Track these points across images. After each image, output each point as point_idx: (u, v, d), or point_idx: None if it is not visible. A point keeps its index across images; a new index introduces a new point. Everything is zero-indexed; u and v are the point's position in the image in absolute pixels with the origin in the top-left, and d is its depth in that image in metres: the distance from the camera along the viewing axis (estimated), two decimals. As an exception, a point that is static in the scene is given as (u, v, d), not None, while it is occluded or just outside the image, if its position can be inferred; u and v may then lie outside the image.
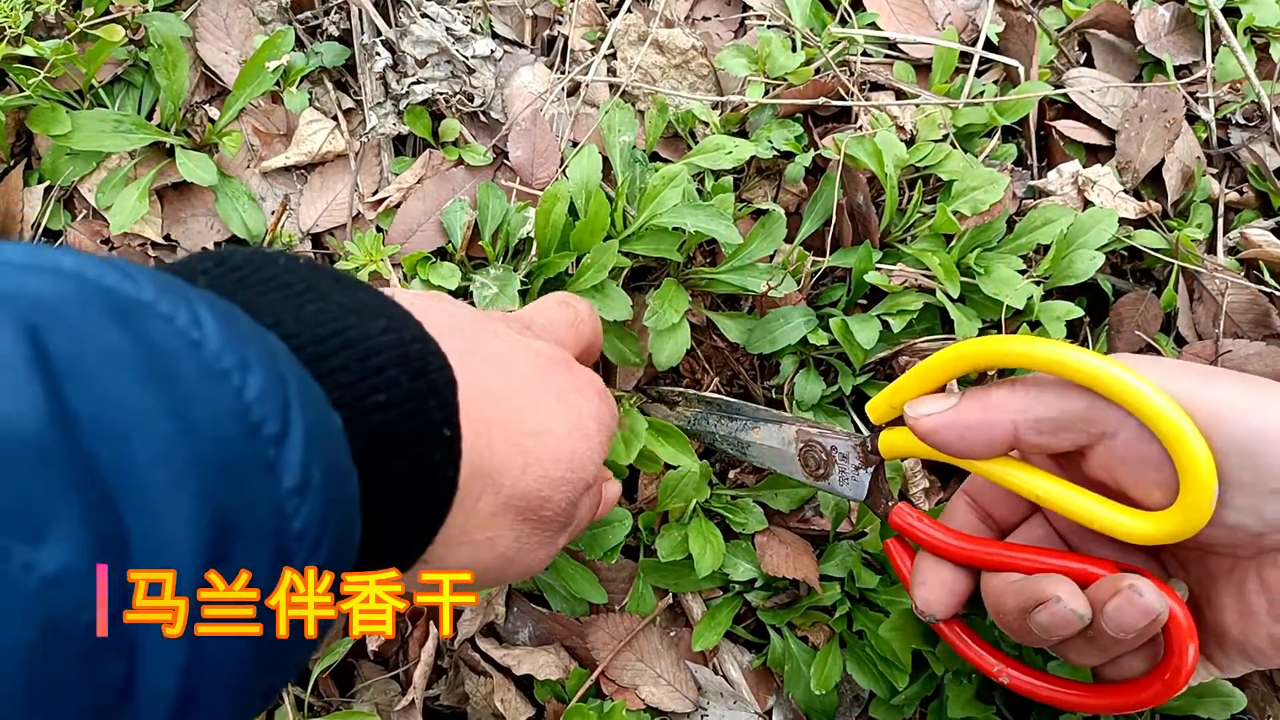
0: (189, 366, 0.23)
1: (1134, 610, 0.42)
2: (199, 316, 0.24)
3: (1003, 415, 0.43)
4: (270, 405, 0.24)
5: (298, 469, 0.24)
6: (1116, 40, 0.96)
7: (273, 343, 0.27)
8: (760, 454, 0.62)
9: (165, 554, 0.21)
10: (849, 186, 0.81)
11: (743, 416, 0.64)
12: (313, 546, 0.24)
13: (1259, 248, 0.85)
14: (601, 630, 0.75)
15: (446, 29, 0.83)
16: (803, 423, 0.58)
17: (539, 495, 0.39)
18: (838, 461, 0.56)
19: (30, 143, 0.81)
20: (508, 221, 0.78)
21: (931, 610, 0.51)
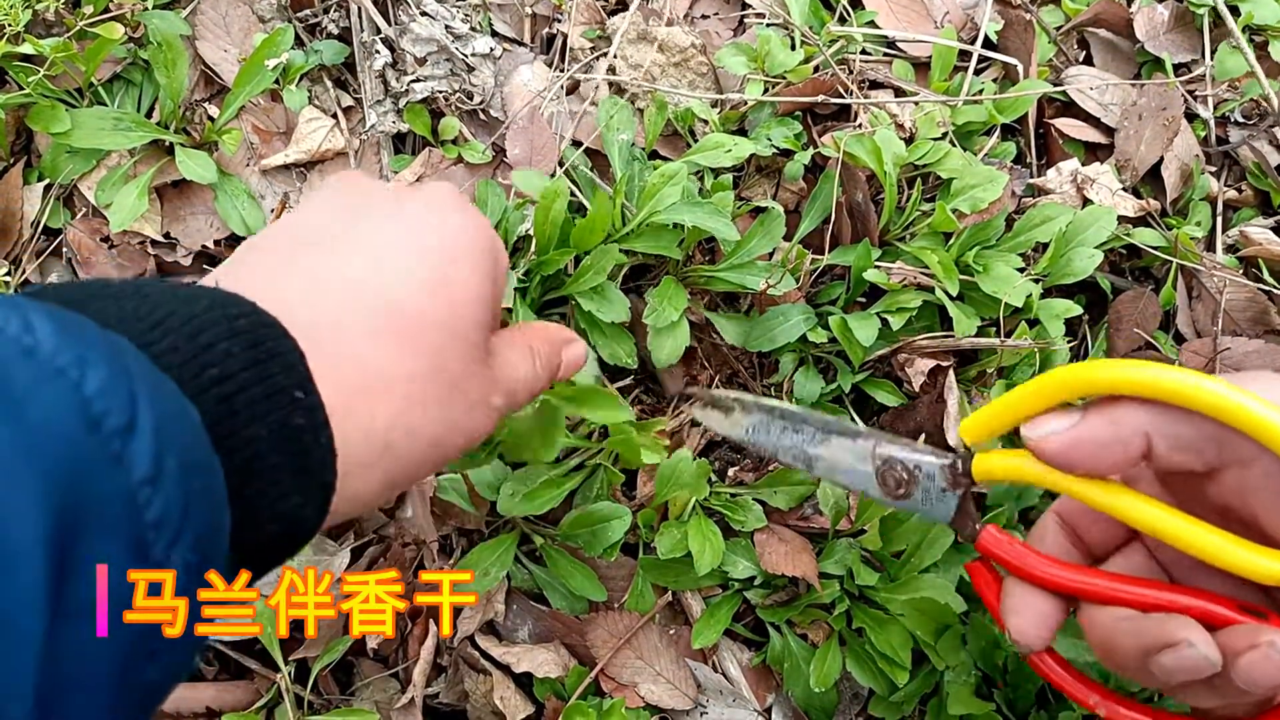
0: (22, 371, 0.23)
1: (1272, 668, 0.39)
2: (31, 323, 0.24)
3: (1134, 430, 0.41)
4: (114, 399, 0.24)
5: (148, 459, 0.24)
6: (1115, 38, 0.96)
7: (117, 341, 0.27)
8: (830, 470, 0.57)
9: (13, 549, 0.21)
10: (848, 184, 0.81)
11: (810, 427, 0.57)
12: (174, 535, 0.25)
13: (1258, 245, 0.85)
14: (601, 628, 0.75)
15: (446, 27, 0.83)
16: (881, 438, 0.54)
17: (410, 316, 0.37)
18: (921, 481, 0.52)
19: (30, 141, 0.81)
20: (506, 219, 0.78)
21: (1027, 641, 0.47)
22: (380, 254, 0.38)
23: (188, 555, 0.25)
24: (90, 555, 0.23)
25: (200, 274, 0.81)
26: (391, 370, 0.36)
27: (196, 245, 0.80)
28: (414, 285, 0.37)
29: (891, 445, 0.53)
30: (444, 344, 0.37)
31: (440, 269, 0.38)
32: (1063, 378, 0.42)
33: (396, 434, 0.35)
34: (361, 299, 0.36)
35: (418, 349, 0.36)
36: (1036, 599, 0.47)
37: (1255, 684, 0.40)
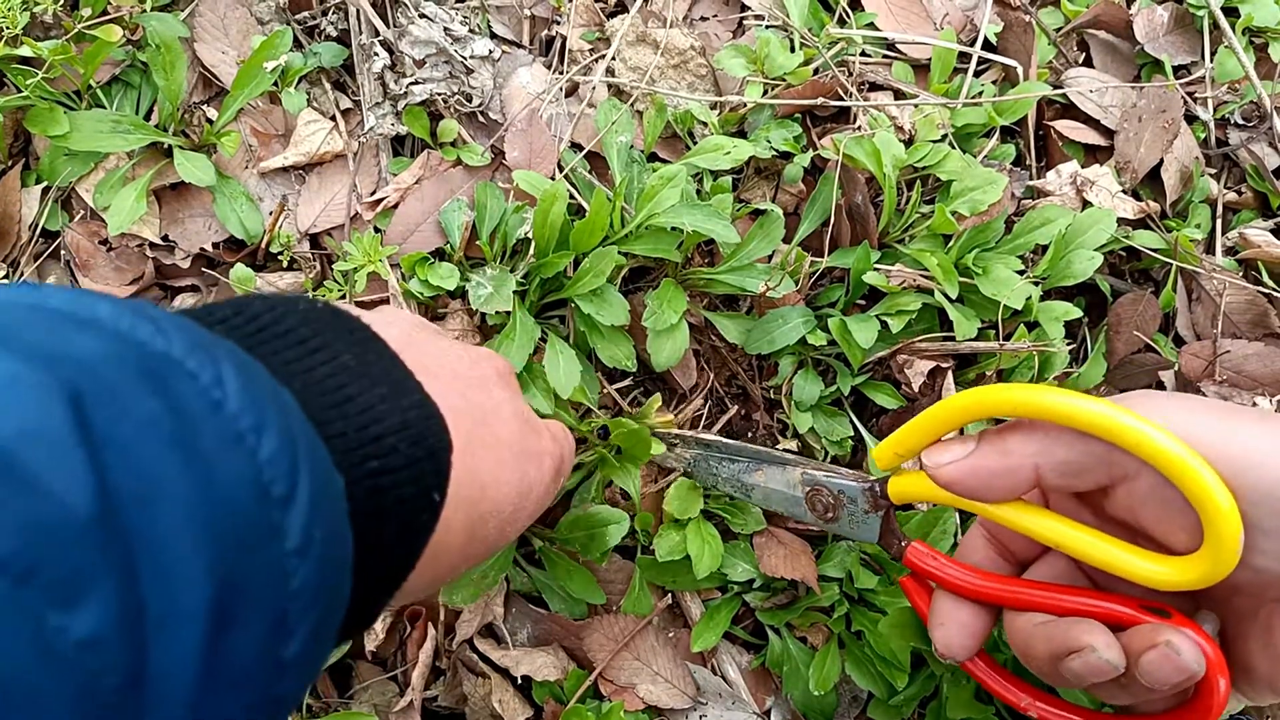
0: (210, 429, 0.23)
1: (1170, 668, 0.41)
2: (222, 375, 0.24)
3: (1023, 459, 0.43)
4: (280, 467, 0.24)
5: (300, 531, 0.24)
6: (1115, 40, 0.96)
7: (287, 401, 0.27)
8: (765, 497, 0.62)
9: (175, 619, 0.21)
10: (847, 187, 0.81)
11: (744, 458, 0.62)
12: (308, 605, 0.25)
13: (1258, 248, 0.85)
14: (598, 632, 0.75)
15: (445, 29, 0.83)
16: (807, 465, 0.57)
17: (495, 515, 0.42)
18: (846, 505, 0.55)
19: (28, 143, 0.81)
20: (505, 221, 0.78)
21: (952, 653, 0.50)
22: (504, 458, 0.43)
23: (314, 623, 0.26)
24: (240, 622, 0.23)
25: (199, 276, 0.80)
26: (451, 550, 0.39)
27: (195, 248, 0.80)
28: (504, 507, 0.43)
29: (816, 471, 0.56)
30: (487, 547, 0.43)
31: (526, 497, 0.45)
32: (961, 404, 0.44)
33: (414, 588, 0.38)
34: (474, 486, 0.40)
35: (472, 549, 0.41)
36: (959, 611, 0.49)
37: (1157, 682, 0.42)
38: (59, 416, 0.20)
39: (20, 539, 0.19)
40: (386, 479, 0.31)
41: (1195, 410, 0.40)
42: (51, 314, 0.23)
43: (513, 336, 0.74)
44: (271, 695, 0.24)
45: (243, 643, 0.23)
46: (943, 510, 0.73)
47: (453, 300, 0.79)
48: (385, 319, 0.42)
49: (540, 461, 0.46)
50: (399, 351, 0.38)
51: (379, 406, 0.32)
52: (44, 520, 0.19)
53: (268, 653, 0.24)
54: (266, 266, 0.81)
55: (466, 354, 0.47)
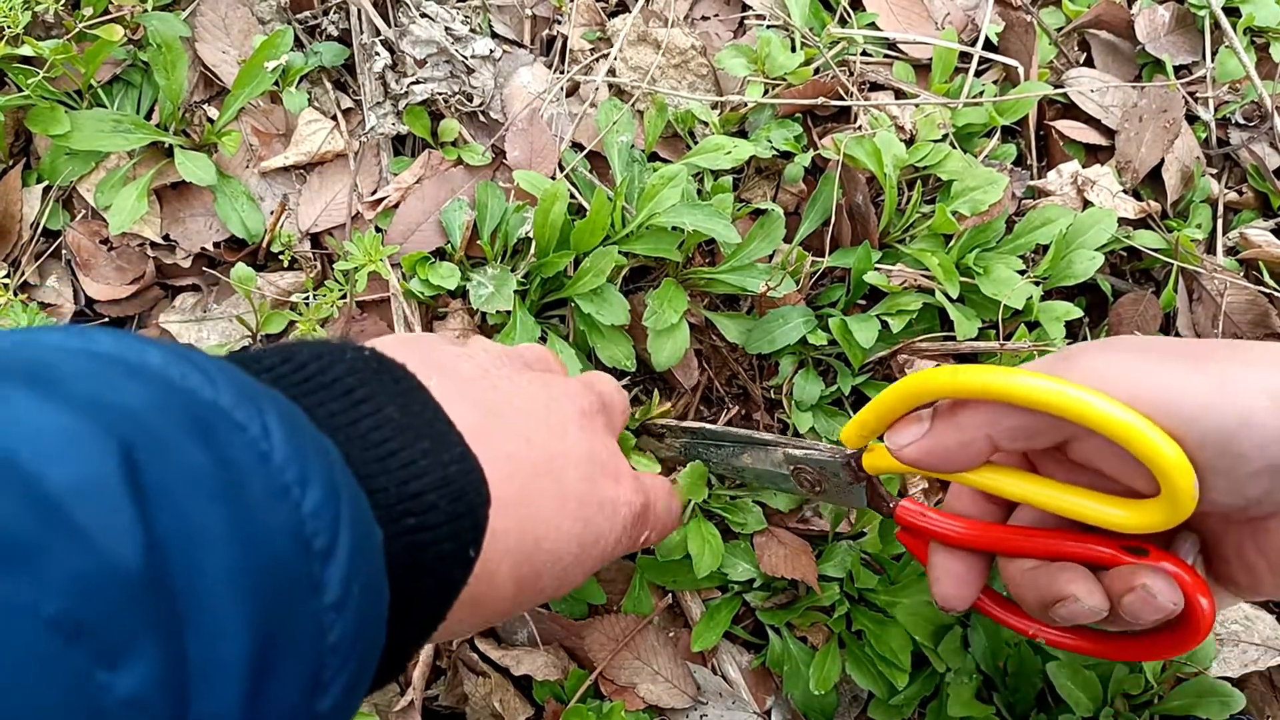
0: (257, 481, 0.23)
1: (1148, 608, 0.43)
2: (269, 426, 0.25)
3: (976, 431, 0.45)
4: (323, 520, 0.24)
5: (339, 585, 0.24)
6: (1116, 40, 0.96)
7: (331, 452, 0.27)
8: (756, 476, 0.64)
9: (217, 672, 0.21)
10: (848, 186, 0.81)
11: (729, 443, 0.64)
12: (344, 659, 0.25)
13: (1259, 248, 0.85)
14: (598, 632, 0.75)
15: (446, 29, 0.83)
16: (788, 444, 0.59)
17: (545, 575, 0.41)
18: (830, 478, 0.57)
19: (29, 142, 0.81)
20: (506, 221, 0.78)
21: (950, 604, 0.52)
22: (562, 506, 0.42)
23: (349, 676, 0.26)
24: (278, 675, 0.23)
25: (200, 276, 0.81)
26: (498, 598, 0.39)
27: (196, 247, 0.80)
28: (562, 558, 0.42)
29: (796, 450, 0.58)
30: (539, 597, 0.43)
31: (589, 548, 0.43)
32: (913, 387, 0.47)
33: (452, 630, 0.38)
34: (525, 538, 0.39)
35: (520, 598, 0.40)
36: (953, 562, 0.52)
37: (1139, 621, 0.44)
38: (110, 469, 0.20)
39: (70, 595, 0.19)
40: (425, 535, 0.31)
41: (1129, 364, 0.41)
42: (101, 360, 0.23)
43: (513, 336, 0.74)
44: None
45: (280, 696, 0.23)
46: None
47: (453, 300, 0.79)
48: (467, 352, 0.42)
49: (613, 510, 0.45)
50: (464, 390, 0.38)
51: (420, 461, 0.32)
52: (93, 575, 0.19)
53: (304, 706, 0.24)
54: (267, 266, 0.81)
55: (547, 391, 0.46)
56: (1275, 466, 0.39)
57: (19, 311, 0.71)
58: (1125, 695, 0.75)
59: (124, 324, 0.80)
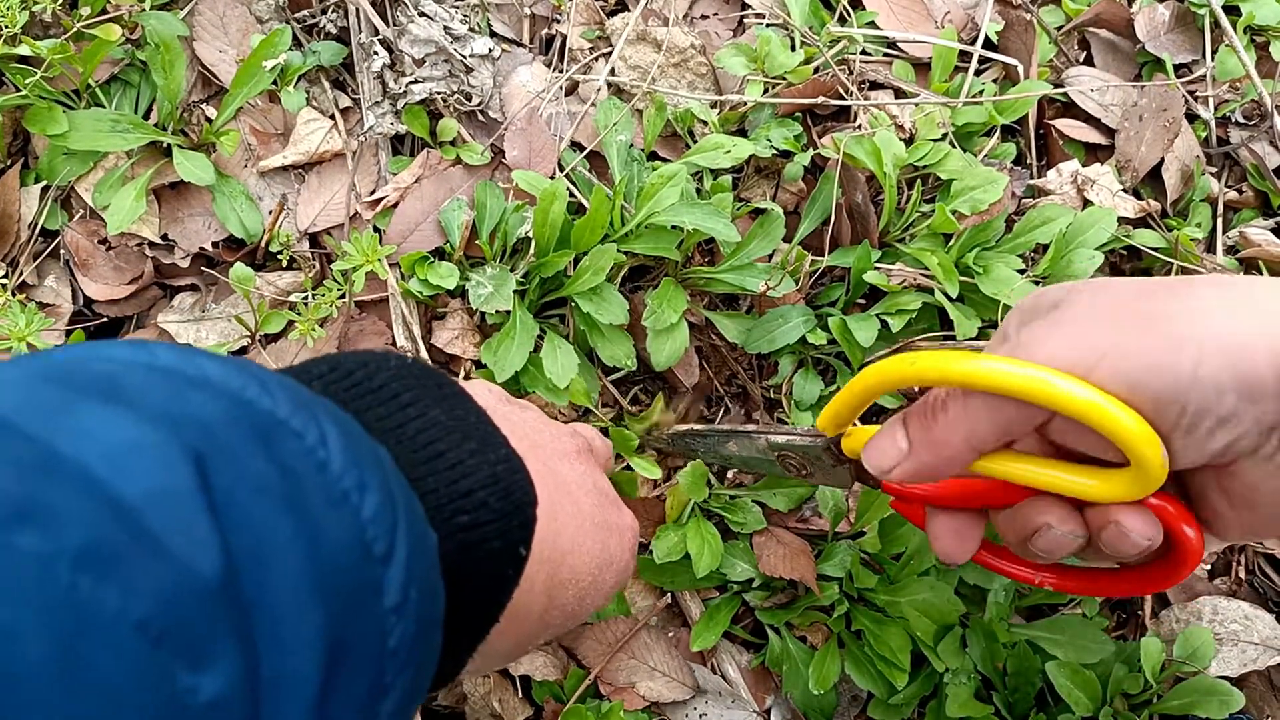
0: (317, 490, 0.24)
1: (1126, 543, 0.43)
2: (325, 434, 0.25)
3: (956, 450, 0.45)
4: (381, 526, 0.25)
5: (399, 589, 0.25)
6: (1116, 39, 0.96)
7: (384, 458, 0.28)
8: (744, 462, 0.64)
9: (289, 680, 0.22)
10: (848, 186, 0.80)
11: (714, 434, 0.65)
12: (404, 663, 0.25)
13: (1258, 247, 0.85)
14: (590, 639, 0.75)
15: (444, 28, 0.82)
16: (769, 432, 0.60)
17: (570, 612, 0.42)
18: (814, 461, 0.58)
19: (27, 142, 0.81)
20: (505, 221, 0.78)
21: (952, 559, 0.52)
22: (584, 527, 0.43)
23: (409, 680, 0.26)
24: (345, 681, 0.23)
25: (198, 276, 0.80)
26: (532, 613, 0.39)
27: (194, 247, 0.79)
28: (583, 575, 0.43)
29: (778, 436, 0.58)
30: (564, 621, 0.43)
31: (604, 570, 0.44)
32: (875, 378, 0.47)
33: (491, 652, 0.38)
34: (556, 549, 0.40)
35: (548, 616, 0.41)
36: (949, 518, 0.52)
37: (1119, 555, 0.44)
38: (185, 480, 0.21)
39: (155, 601, 0.19)
40: (476, 534, 0.32)
41: (1080, 333, 0.41)
42: (166, 373, 0.24)
43: (512, 335, 0.74)
44: None
45: (346, 701, 0.23)
46: None
47: (452, 299, 0.79)
48: (472, 389, 0.44)
49: (621, 536, 0.47)
50: (490, 409, 0.39)
51: (468, 461, 0.32)
52: (176, 583, 0.20)
53: (368, 709, 0.24)
54: (266, 266, 0.81)
55: (549, 427, 0.48)
56: (1227, 418, 0.38)
57: (17, 311, 0.71)
58: (1124, 694, 0.75)
59: (122, 324, 0.80)
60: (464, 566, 0.31)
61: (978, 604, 0.77)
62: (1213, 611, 0.79)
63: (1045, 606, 0.79)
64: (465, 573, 0.31)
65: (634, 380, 0.83)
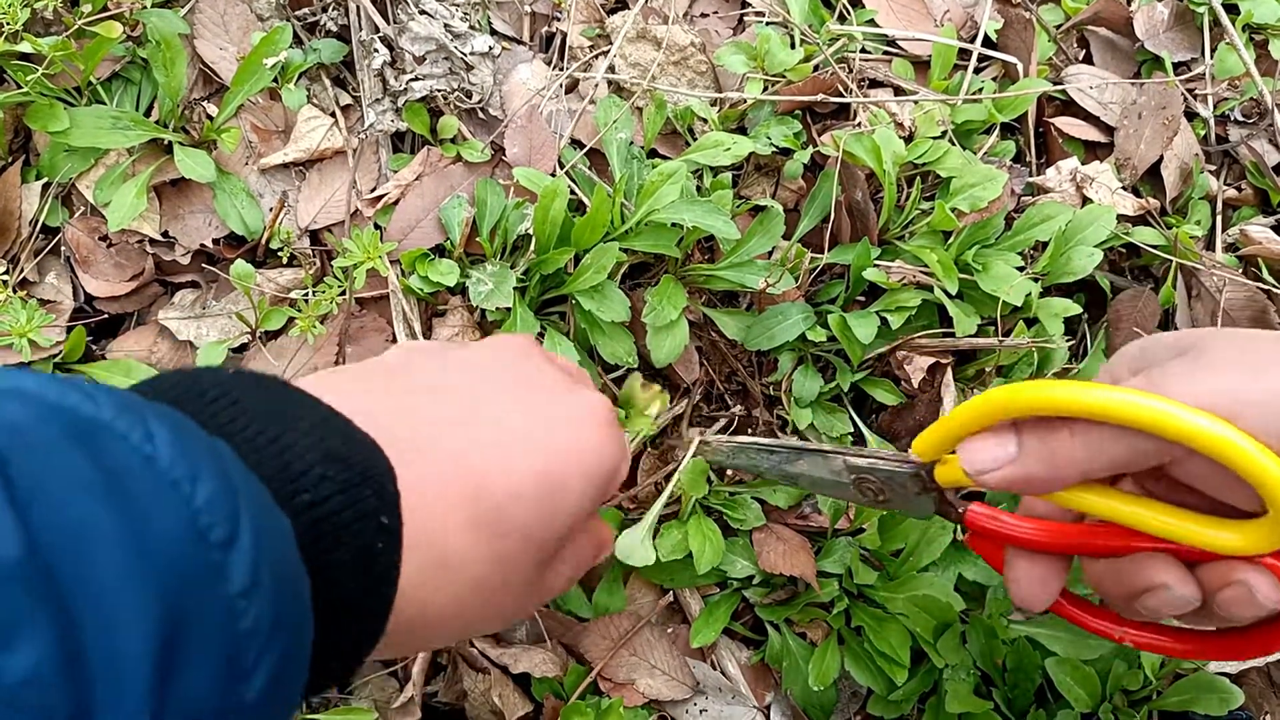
0: (143, 481, 0.24)
1: (1247, 605, 0.41)
2: (152, 431, 0.25)
3: (1069, 469, 0.43)
4: (219, 511, 0.25)
5: (246, 572, 0.25)
6: (1115, 37, 0.96)
7: (223, 450, 0.28)
8: (813, 484, 0.60)
9: (120, 660, 0.22)
10: (847, 183, 0.81)
11: (783, 450, 0.61)
12: (263, 645, 0.26)
13: (1258, 244, 0.85)
14: (594, 633, 0.75)
15: (445, 25, 0.83)
16: (847, 453, 0.56)
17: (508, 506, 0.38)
18: (895, 488, 0.54)
19: (28, 139, 0.81)
20: (506, 218, 0.78)
21: (1030, 606, 0.50)
22: (507, 444, 0.39)
23: (274, 664, 0.26)
24: (190, 663, 0.23)
25: (199, 273, 0.81)
26: (466, 556, 0.37)
27: (195, 244, 0.80)
28: (524, 494, 0.38)
29: (858, 459, 0.55)
30: (522, 555, 0.39)
31: (556, 490, 0.39)
32: (998, 401, 0.44)
33: (443, 612, 0.37)
34: (468, 482, 0.37)
35: (497, 552, 0.38)
36: (1031, 565, 0.49)
37: (1235, 618, 0.42)
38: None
39: None
40: (323, 509, 0.31)
41: (1225, 377, 0.39)
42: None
43: (513, 332, 0.74)
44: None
45: (196, 683, 0.24)
46: None
47: (453, 296, 0.79)
48: (394, 352, 0.43)
49: (577, 428, 0.41)
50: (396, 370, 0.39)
51: (302, 442, 0.32)
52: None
53: (227, 693, 0.25)
54: (266, 263, 0.81)
55: (486, 349, 0.45)
56: None
57: (18, 308, 0.71)
58: (1124, 691, 0.75)
59: (123, 320, 0.80)
60: (324, 545, 0.31)
61: (977, 600, 0.77)
62: (1212, 608, 0.79)
63: (1045, 603, 0.79)
64: (325, 549, 0.31)
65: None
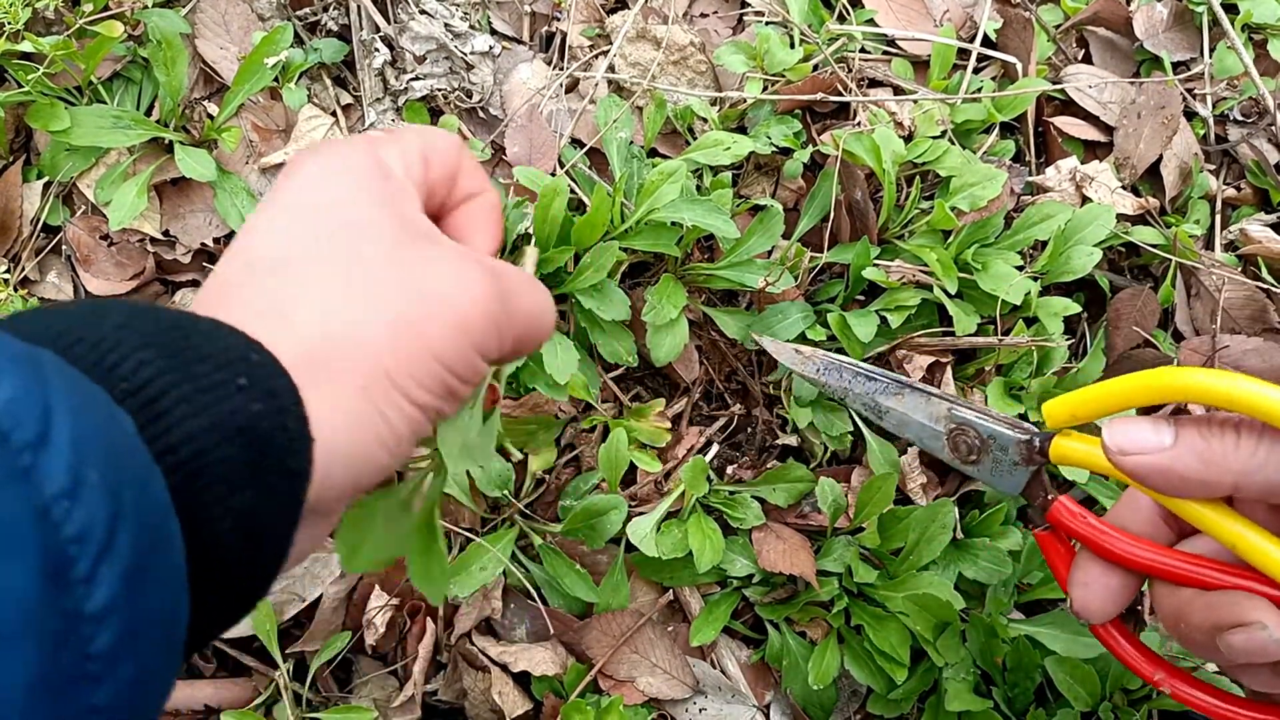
0: None
1: None
2: None
3: (1224, 474, 0.40)
4: (23, 412, 0.24)
5: (65, 474, 0.24)
6: (1114, 37, 0.96)
7: (37, 354, 0.26)
8: (900, 424, 0.56)
9: None
10: (847, 183, 0.81)
11: (883, 379, 0.58)
12: (100, 549, 0.24)
13: (1258, 243, 0.85)
14: (596, 630, 0.75)
15: (445, 25, 0.83)
16: (956, 402, 0.53)
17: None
18: (993, 452, 0.51)
19: (29, 138, 0.81)
20: (506, 217, 0.78)
21: (1088, 614, 0.48)
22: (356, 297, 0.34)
23: (123, 568, 0.24)
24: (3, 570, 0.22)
25: (200, 271, 0.81)
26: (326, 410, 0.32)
27: (196, 243, 0.80)
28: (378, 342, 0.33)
29: (966, 411, 0.52)
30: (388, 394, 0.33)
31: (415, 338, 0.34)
32: (1158, 382, 0.41)
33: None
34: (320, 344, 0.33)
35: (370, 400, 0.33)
36: (1106, 575, 0.47)
37: None
38: None
39: None
40: (150, 391, 0.28)
41: None
42: None
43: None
44: (85, 653, 0.23)
45: (8, 586, 0.22)
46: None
47: (453, 295, 0.79)
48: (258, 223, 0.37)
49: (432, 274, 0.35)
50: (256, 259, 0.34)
51: (111, 336, 0.29)
52: None
53: (59, 599, 0.23)
54: (267, 262, 0.81)
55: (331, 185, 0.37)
56: None
57: (19, 306, 0.71)
58: (1124, 690, 0.75)
59: (124, 320, 0.80)
60: (155, 425, 0.28)
61: (977, 599, 0.77)
62: (1212, 607, 0.79)
63: (1045, 602, 0.79)
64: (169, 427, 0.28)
65: (635, 378, 0.83)
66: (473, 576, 0.72)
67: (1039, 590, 0.77)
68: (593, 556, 0.77)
